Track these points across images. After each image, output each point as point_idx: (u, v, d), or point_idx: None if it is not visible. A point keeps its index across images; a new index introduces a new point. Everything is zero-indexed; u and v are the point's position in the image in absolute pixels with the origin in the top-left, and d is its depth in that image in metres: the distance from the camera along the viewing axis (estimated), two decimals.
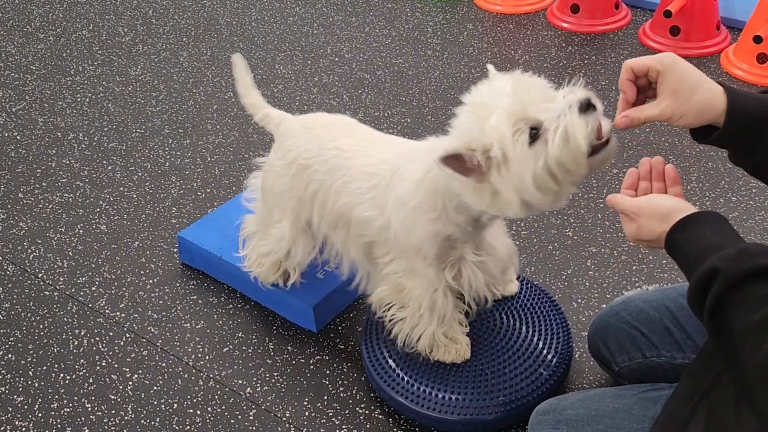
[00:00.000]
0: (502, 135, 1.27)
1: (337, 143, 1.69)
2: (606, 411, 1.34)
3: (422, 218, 1.53)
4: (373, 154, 1.65)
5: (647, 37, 3.13)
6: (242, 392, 1.81)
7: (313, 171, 1.71)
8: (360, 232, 1.68)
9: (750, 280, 0.97)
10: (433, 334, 1.66)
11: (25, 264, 2.22)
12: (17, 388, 1.86)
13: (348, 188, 1.66)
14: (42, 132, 2.79)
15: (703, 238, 1.07)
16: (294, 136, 1.77)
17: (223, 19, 3.52)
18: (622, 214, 1.23)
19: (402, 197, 1.55)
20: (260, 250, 1.90)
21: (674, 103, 1.15)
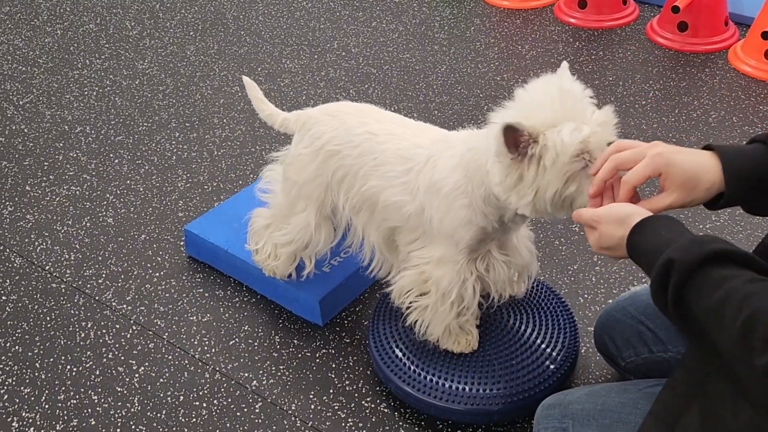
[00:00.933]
0: (565, 149, 1.30)
1: (368, 128, 1.68)
2: (612, 405, 1.34)
3: (455, 204, 1.54)
4: (408, 138, 1.64)
5: (655, 32, 3.12)
6: (248, 385, 1.82)
7: (342, 156, 1.70)
8: (385, 216, 1.68)
9: (704, 265, 1.00)
10: (449, 325, 1.66)
11: (33, 256, 2.22)
12: (24, 380, 1.86)
13: (378, 171, 1.65)
14: (49, 125, 2.80)
15: (658, 237, 1.10)
16: (320, 124, 1.74)
17: (230, 13, 3.52)
18: (586, 225, 1.26)
19: (437, 183, 1.56)
20: (277, 240, 1.88)
21: (683, 194, 1.21)
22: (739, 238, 2.14)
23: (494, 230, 1.57)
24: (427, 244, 1.63)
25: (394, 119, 1.72)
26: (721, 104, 2.71)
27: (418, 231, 1.64)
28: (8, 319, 2.03)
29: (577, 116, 1.32)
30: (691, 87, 2.82)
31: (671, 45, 3.05)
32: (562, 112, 1.32)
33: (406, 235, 1.67)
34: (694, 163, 1.20)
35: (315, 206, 1.78)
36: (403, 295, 1.68)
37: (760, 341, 0.90)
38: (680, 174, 1.20)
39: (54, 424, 1.76)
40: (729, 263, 1.01)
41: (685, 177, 1.20)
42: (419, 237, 1.65)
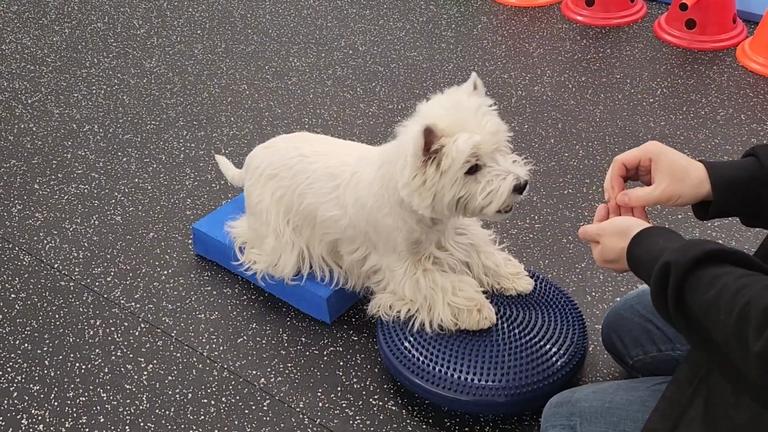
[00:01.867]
0: (459, 155, 1.47)
1: (300, 151, 1.87)
2: (619, 403, 1.34)
3: (379, 215, 1.70)
4: (335, 157, 1.82)
5: (662, 30, 3.11)
6: (256, 383, 1.82)
7: (279, 179, 1.88)
8: (325, 230, 1.85)
9: (699, 265, 1.03)
10: (448, 303, 1.71)
11: (42, 254, 2.23)
12: (34, 377, 1.87)
13: (312, 188, 1.82)
14: (58, 123, 2.81)
15: (655, 245, 1.14)
16: (257, 158, 1.96)
17: (237, 11, 3.52)
18: (591, 241, 1.29)
19: (360, 199, 1.72)
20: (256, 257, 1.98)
21: (671, 184, 1.25)
22: (747, 236, 2.13)
23: (422, 231, 1.70)
24: (370, 252, 1.79)
25: (326, 141, 1.92)
26: (729, 102, 2.70)
27: (357, 241, 1.79)
28: (17, 317, 2.04)
29: (470, 126, 1.48)
30: (699, 85, 2.81)
31: (679, 42, 3.05)
32: (457, 122, 1.49)
33: (347, 246, 1.83)
34: (684, 159, 1.26)
35: (273, 231, 1.92)
36: (390, 312, 1.78)
37: (754, 329, 0.93)
38: (669, 163, 1.25)
39: (63, 421, 1.77)
40: (722, 262, 1.04)
41: (673, 167, 1.25)
42: (359, 246, 1.80)
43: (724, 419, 1.08)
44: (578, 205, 2.29)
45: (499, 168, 1.50)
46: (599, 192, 2.33)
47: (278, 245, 1.91)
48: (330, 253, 1.89)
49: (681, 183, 1.24)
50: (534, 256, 2.12)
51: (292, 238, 1.90)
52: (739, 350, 0.96)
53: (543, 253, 2.13)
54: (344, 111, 2.78)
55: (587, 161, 2.46)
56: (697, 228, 2.17)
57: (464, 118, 1.49)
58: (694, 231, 2.17)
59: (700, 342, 1.06)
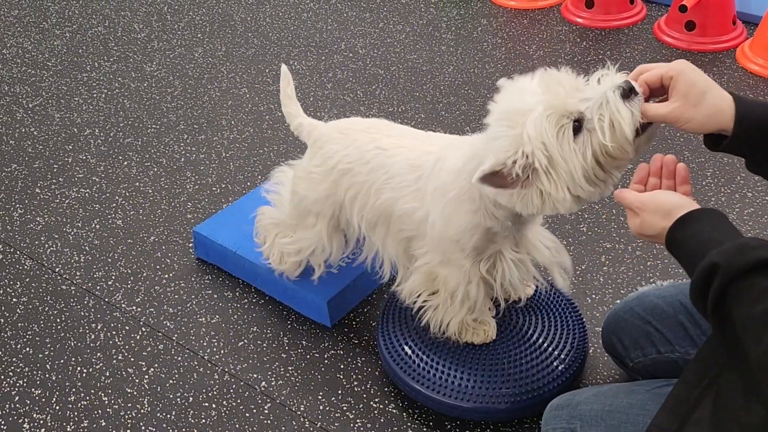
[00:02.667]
0: (545, 138, 1.26)
1: (378, 143, 1.67)
2: (620, 406, 1.34)
3: (461, 209, 1.51)
4: (417, 147, 1.63)
5: (662, 32, 3.11)
6: (257, 386, 1.83)
7: (353, 174, 1.69)
8: (400, 226, 1.66)
9: (750, 273, 0.98)
10: (464, 320, 1.67)
11: (43, 258, 2.24)
12: (35, 382, 1.88)
13: (390, 183, 1.64)
14: (58, 128, 2.82)
15: (702, 234, 1.08)
16: (332, 142, 1.74)
17: (237, 15, 3.53)
18: (628, 208, 1.24)
19: (441, 187, 1.53)
20: (285, 248, 1.90)
21: (683, 105, 1.19)
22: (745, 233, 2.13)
23: (505, 229, 1.53)
24: (431, 249, 1.62)
25: (404, 132, 1.71)
26: None
27: (426, 237, 1.62)
28: (19, 321, 2.04)
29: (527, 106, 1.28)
30: None
31: (679, 44, 3.05)
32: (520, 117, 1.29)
33: (418, 242, 1.66)
34: (706, 83, 1.19)
35: (326, 221, 1.79)
36: (414, 296, 1.68)
37: None
38: (688, 83, 1.19)
39: (64, 425, 1.77)
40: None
41: (691, 87, 1.19)
42: (427, 242, 1.63)
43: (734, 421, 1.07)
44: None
45: (593, 97, 1.26)
46: None
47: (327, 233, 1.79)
48: (405, 252, 1.71)
49: (692, 107, 1.19)
50: None
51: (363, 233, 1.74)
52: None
53: None
54: (344, 114, 2.78)
55: None
56: None
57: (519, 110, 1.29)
58: None
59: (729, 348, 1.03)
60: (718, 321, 1.02)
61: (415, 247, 1.67)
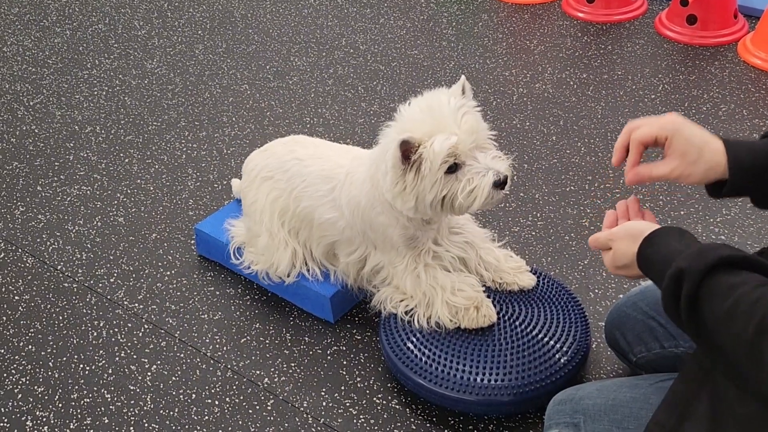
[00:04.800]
0: (436, 156, 1.49)
1: (296, 154, 1.88)
2: (623, 400, 1.34)
3: (373, 213, 1.71)
4: (330, 159, 1.83)
5: (663, 26, 3.11)
6: (260, 383, 1.83)
7: (274, 181, 1.91)
8: (323, 233, 1.86)
9: (714, 272, 1.01)
10: (446, 301, 1.71)
11: (44, 256, 2.24)
12: (38, 379, 1.88)
13: (307, 191, 1.84)
14: (60, 125, 2.81)
15: (667, 247, 1.12)
16: (254, 160, 1.99)
17: (237, 11, 3.52)
18: (602, 249, 1.29)
19: (354, 198, 1.73)
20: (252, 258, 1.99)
21: (682, 164, 1.23)
22: (750, 232, 2.13)
23: (417, 228, 1.71)
24: (370, 252, 1.80)
25: (321, 144, 1.93)
26: (731, 97, 2.70)
27: (356, 242, 1.81)
28: (21, 319, 2.04)
29: (447, 127, 1.51)
30: (700, 80, 2.81)
31: (680, 38, 3.04)
32: (434, 125, 1.51)
33: (345, 248, 1.84)
34: (701, 139, 1.22)
35: (266, 231, 1.92)
36: (392, 305, 1.78)
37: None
38: (684, 143, 1.22)
39: (67, 422, 1.77)
40: (737, 269, 1.01)
41: (688, 147, 1.22)
42: (358, 247, 1.81)
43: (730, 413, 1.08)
44: (580, 202, 2.29)
45: (479, 165, 1.52)
46: (602, 189, 2.32)
47: (271, 244, 1.92)
48: (327, 255, 1.91)
49: (691, 165, 1.22)
50: (536, 253, 2.12)
51: (285, 238, 1.91)
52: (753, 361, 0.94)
53: (545, 251, 2.13)
54: (345, 110, 2.78)
55: (589, 158, 2.46)
56: (699, 223, 2.17)
57: (442, 120, 1.52)
58: (697, 227, 2.16)
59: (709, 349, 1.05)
60: (694, 326, 1.04)
61: (339, 250, 1.87)
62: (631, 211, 1.34)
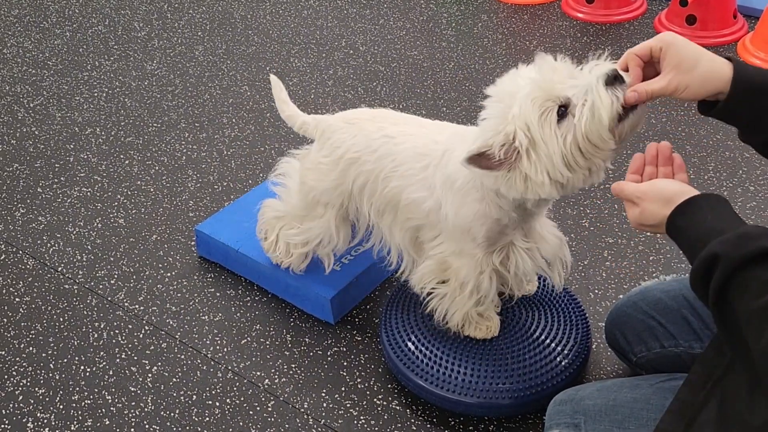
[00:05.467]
0: (528, 120, 1.29)
1: (385, 132, 1.68)
2: (624, 401, 1.34)
3: (468, 198, 1.53)
4: (425, 135, 1.64)
5: (663, 26, 3.11)
6: (260, 384, 1.83)
7: (361, 163, 1.70)
8: (408, 215, 1.68)
9: (751, 264, 0.97)
10: (468, 312, 1.67)
11: (45, 258, 2.24)
12: (39, 381, 1.88)
13: (398, 171, 1.65)
14: (60, 127, 2.82)
15: (703, 222, 1.07)
16: (339, 132, 1.75)
17: (237, 12, 3.52)
18: (626, 200, 1.23)
19: (450, 177, 1.55)
20: (291, 240, 1.90)
21: (678, 74, 1.19)
22: None
23: (512, 220, 1.54)
24: (446, 239, 1.63)
25: (411, 120, 1.72)
26: None
27: (438, 227, 1.63)
28: (22, 321, 2.04)
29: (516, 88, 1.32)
30: None
31: None
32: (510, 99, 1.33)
33: (428, 232, 1.67)
34: (697, 50, 1.19)
35: (334, 212, 1.80)
36: (424, 282, 1.68)
37: None
38: (678, 54, 1.19)
39: (68, 424, 1.77)
40: None
41: (682, 56, 1.18)
42: (440, 233, 1.64)
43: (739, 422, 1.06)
44: (580, 202, 2.29)
45: (579, 84, 1.29)
46: (601, 189, 2.32)
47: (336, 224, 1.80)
48: (412, 242, 1.72)
49: (687, 73, 1.18)
50: None
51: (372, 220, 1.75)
52: None
53: None
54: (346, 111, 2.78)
55: None
56: None
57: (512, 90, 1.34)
58: None
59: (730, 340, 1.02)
60: (719, 313, 1.02)
61: (423, 236, 1.68)
62: (661, 156, 1.27)
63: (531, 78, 1.31)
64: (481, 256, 1.60)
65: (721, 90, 1.18)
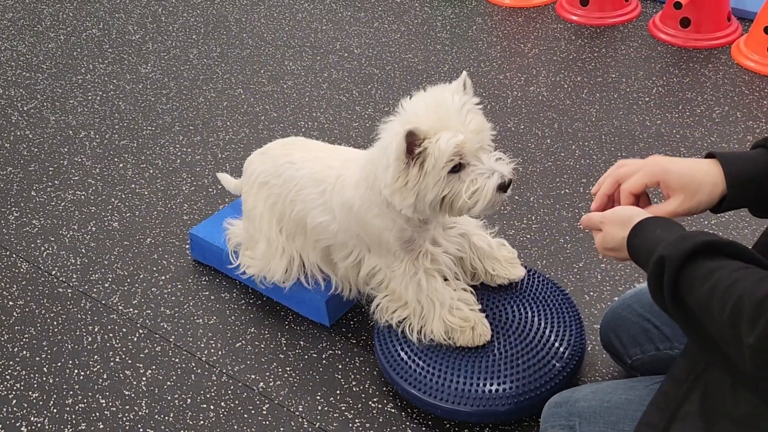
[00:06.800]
0: (442, 154, 1.45)
1: (290, 158, 1.85)
2: (618, 403, 1.34)
3: (368, 216, 1.67)
4: (322, 162, 1.80)
5: (657, 29, 3.11)
6: (255, 387, 1.82)
7: (270, 186, 1.88)
8: (316, 237, 1.83)
9: (693, 258, 1.03)
10: (442, 319, 1.69)
11: (39, 261, 2.23)
12: (32, 385, 1.87)
13: (300, 196, 1.81)
14: (54, 130, 2.81)
15: (653, 236, 1.13)
16: (253, 164, 1.95)
17: (232, 16, 3.52)
18: (593, 229, 1.29)
19: (347, 201, 1.69)
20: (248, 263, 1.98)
21: (687, 199, 1.24)
22: (745, 234, 2.14)
23: (414, 229, 1.67)
24: (364, 255, 1.76)
25: (315, 146, 1.90)
26: (725, 100, 2.71)
27: (349, 245, 1.77)
28: (15, 324, 2.04)
29: (453, 125, 1.46)
30: (694, 83, 2.81)
31: (674, 41, 3.05)
32: (440, 121, 1.47)
33: (339, 251, 1.81)
34: (691, 169, 1.24)
35: (265, 238, 1.91)
36: (387, 314, 1.76)
37: (747, 322, 0.93)
38: (678, 179, 1.24)
39: (62, 428, 1.76)
40: (717, 255, 1.03)
41: (683, 181, 1.23)
42: (351, 250, 1.78)
43: (723, 414, 1.09)
44: (575, 204, 2.29)
45: (483, 167, 1.49)
46: None
47: (269, 251, 1.90)
48: (324, 260, 1.87)
49: (696, 195, 1.23)
50: (532, 256, 2.12)
51: (283, 244, 1.89)
52: (733, 343, 0.96)
53: (540, 253, 2.13)
54: (340, 114, 2.78)
55: (584, 161, 2.47)
56: (694, 226, 2.17)
57: (447, 117, 1.48)
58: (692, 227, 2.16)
59: (696, 335, 1.06)
60: (679, 312, 1.05)
61: (335, 255, 1.83)
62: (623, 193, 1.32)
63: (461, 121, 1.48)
64: (407, 262, 1.71)
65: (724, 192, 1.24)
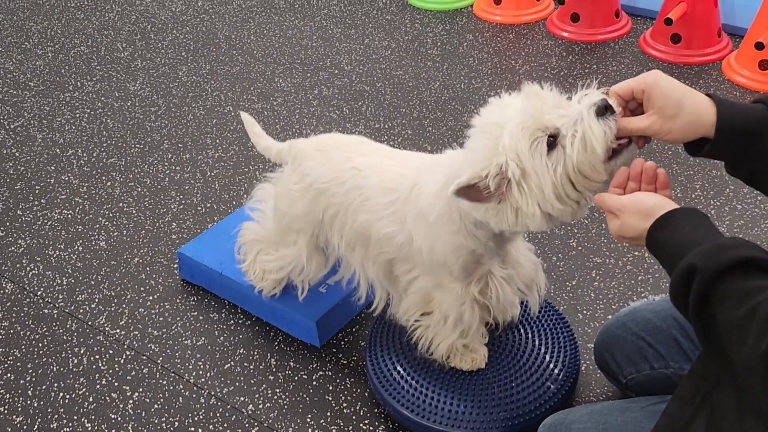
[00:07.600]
0: (519, 150, 1.26)
1: (354, 163, 1.66)
2: (614, 425, 1.32)
3: (443, 231, 1.50)
4: (391, 170, 1.62)
5: (648, 45, 3.11)
6: (244, 409, 1.79)
7: (330, 194, 1.69)
8: (379, 249, 1.66)
9: (728, 273, 0.97)
10: (453, 343, 1.65)
11: (24, 282, 2.20)
12: (16, 408, 1.83)
13: (366, 205, 1.63)
14: (41, 148, 2.78)
15: (681, 235, 1.07)
16: (309, 159, 1.74)
17: (221, 33, 3.51)
18: (608, 211, 1.22)
19: (422, 211, 1.52)
20: (266, 266, 1.90)
21: (660, 119, 1.18)
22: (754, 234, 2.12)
23: (489, 249, 1.52)
24: (422, 273, 1.61)
25: (380, 151, 1.71)
26: None
27: (412, 260, 1.62)
28: (0, 346, 2.00)
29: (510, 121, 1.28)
30: None
31: (665, 57, 3.05)
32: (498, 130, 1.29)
33: (401, 265, 1.65)
34: (682, 94, 1.18)
35: (306, 239, 1.79)
36: (408, 314, 1.67)
37: None
38: (662, 96, 1.18)
39: None
40: (755, 271, 0.96)
41: (666, 101, 1.17)
42: (414, 266, 1.63)
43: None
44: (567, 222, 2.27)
45: (567, 114, 1.25)
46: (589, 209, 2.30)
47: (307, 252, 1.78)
48: (387, 274, 1.70)
49: (670, 119, 1.17)
50: None
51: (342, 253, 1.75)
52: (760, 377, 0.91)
53: None
54: (330, 131, 2.75)
55: None
56: None
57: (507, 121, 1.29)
58: None
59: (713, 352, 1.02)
60: (701, 324, 1.01)
61: (397, 269, 1.67)
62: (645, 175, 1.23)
63: (520, 108, 1.27)
64: (460, 288, 1.58)
65: (704, 134, 1.17)
